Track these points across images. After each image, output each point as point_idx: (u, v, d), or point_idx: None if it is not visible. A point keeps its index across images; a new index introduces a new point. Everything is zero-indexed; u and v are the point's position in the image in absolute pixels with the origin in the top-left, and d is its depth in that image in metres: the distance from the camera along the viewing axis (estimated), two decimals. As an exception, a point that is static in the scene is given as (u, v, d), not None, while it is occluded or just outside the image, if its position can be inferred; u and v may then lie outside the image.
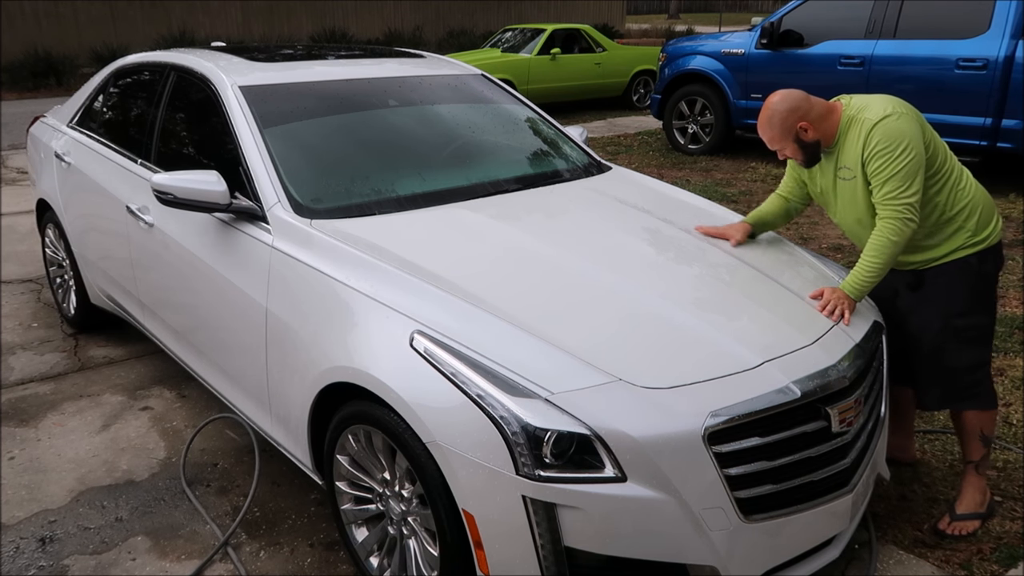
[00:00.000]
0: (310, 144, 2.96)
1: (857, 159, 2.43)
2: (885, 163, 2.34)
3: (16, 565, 2.55)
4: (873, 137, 2.36)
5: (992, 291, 2.55)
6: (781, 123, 2.47)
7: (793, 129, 2.47)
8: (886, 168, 2.34)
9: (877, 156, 2.36)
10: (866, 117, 2.40)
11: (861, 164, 2.43)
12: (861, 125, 2.41)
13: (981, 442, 2.59)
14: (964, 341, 2.51)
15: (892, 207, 2.35)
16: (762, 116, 2.52)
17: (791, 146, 2.52)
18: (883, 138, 2.34)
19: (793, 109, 2.46)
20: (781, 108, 2.47)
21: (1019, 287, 4.78)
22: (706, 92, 8.68)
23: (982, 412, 2.58)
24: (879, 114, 2.37)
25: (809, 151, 2.52)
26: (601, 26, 21.08)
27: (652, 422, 1.86)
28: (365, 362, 2.13)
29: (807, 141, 2.49)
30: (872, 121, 2.37)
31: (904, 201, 2.34)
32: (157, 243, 3.16)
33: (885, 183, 2.35)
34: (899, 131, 2.34)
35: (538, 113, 3.72)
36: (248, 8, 18.91)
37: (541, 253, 2.46)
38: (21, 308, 4.68)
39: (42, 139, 4.43)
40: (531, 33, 12.40)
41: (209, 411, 3.50)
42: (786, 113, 2.46)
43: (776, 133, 2.50)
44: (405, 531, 2.25)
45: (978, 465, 2.62)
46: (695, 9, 48.89)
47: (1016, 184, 7.24)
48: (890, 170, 2.34)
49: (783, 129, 2.48)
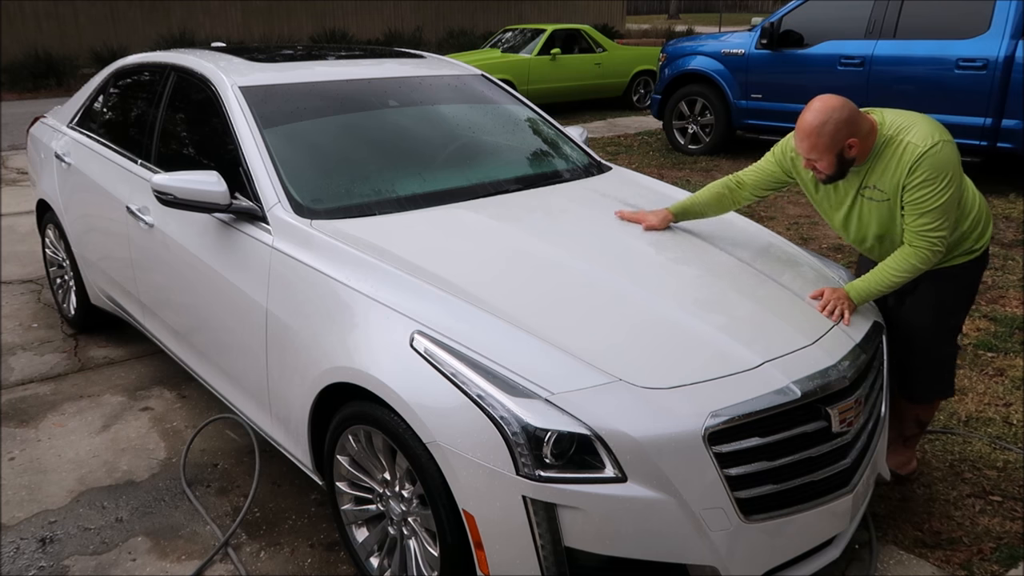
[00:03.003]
0: (310, 144, 2.96)
1: (896, 184, 2.33)
2: (927, 195, 2.27)
3: (16, 565, 2.55)
4: (920, 166, 2.25)
5: (975, 293, 2.63)
6: (833, 133, 2.24)
7: (842, 143, 2.27)
8: (927, 200, 2.28)
9: (921, 186, 2.27)
10: (910, 141, 2.28)
11: (900, 189, 2.32)
12: (904, 149, 2.29)
13: (916, 424, 2.78)
14: (950, 338, 2.62)
15: (926, 239, 2.32)
16: (813, 119, 2.25)
17: (829, 160, 2.30)
18: (930, 169, 2.25)
19: (850, 122, 2.25)
20: (838, 116, 2.23)
21: (1019, 287, 4.78)
22: (706, 92, 8.68)
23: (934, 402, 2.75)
24: (927, 142, 2.26)
25: (844, 168, 2.35)
26: (601, 26, 21.10)
27: (652, 422, 1.86)
28: (365, 362, 2.13)
29: (847, 158, 2.31)
30: (920, 149, 2.26)
31: (939, 235, 2.31)
32: (157, 244, 3.16)
33: (923, 215, 2.29)
34: (946, 162, 2.26)
35: (538, 113, 3.72)
36: (248, 8, 18.91)
37: (541, 253, 2.46)
38: (21, 308, 4.68)
39: (42, 140, 4.43)
40: (531, 33, 12.40)
41: (209, 411, 3.50)
42: (842, 124, 2.24)
43: (825, 142, 2.26)
44: (405, 531, 2.25)
45: (907, 440, 2.83)
46: (695, 9, 48.90)
47: (1016, 184, 7.25)
48: (931, 203, 2.27)
49: (833, 140, 2.25)
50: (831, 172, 2.36)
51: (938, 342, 2.60)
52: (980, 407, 3.39)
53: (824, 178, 2.40)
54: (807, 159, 2.36)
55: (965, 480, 2.91)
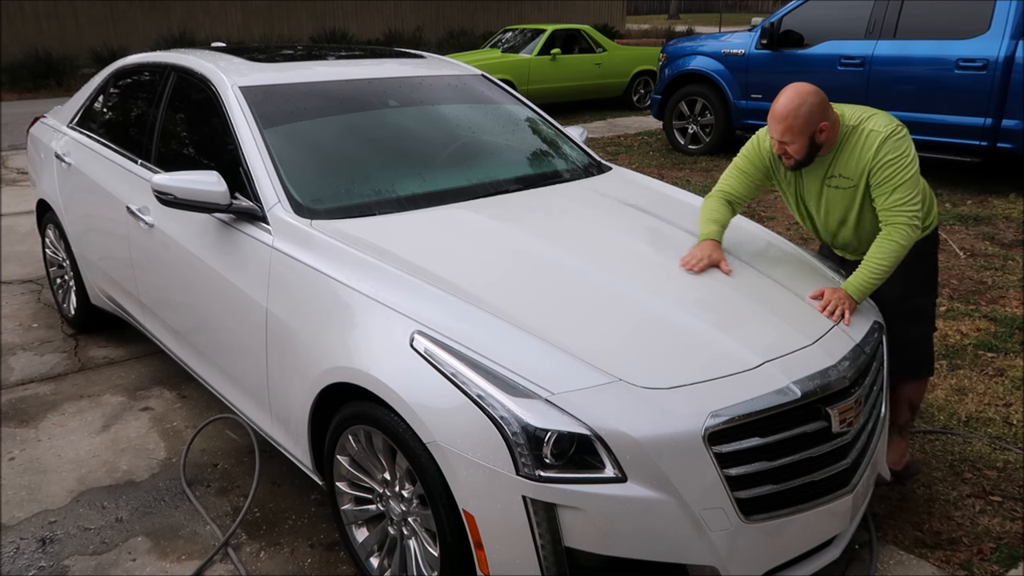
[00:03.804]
0: (310, 144, 2.96)
1: (862, 169, 2.48)
2: (895, 171, 2.42)
3: (16, 566, 2.55)
4: (884, 148, 2.42)
5: (935, 270, 2.77)
6: (808, 116, 2.39)
7: (815, 126, 2.42)
8: (896, 175, 2.42)
9: (888, 165, 2.42)
10: (872, 128, 2.45)
11: (866, 173, 2.47)
12: (867, 136, 2.45)
13: (908, 409, 2.83)
14: (911, 320, 2.70)
15: (902, 213, 2.42)
16: (788, 103, 2.40)
17: (802, 142, 2.44)
18: (893, 149, 2.42)
19: (822, 106, 2.42)
20: (812, 100, 2.40)
21: (1019, 287, 4.78)
22: (706, 92, 8.68)
23: (917, 381, 2.79)
24: (888, 127, 2.44)
25: (812, 154, 2.49)
26: (601, 26, 21.10)
27: (652, 422, 1.86)
28: (365, 362, 2.13)
29: (817, 143, 2.46)
30: (883, 134, 2.44)
31: (913, 208, 2.42)
32: (157, 243, 3.16)
33: (895, 191, 2.42)
34: (907, 144, 2.45)
35: (538, 113, 3.72)
36: (248, 8, 18.91)
37: (541, 253, 2.46)
38: (21, 308, 4.68)
39: (42, 139, 4.43)
40: (531, 33, 12.40)
41: (209, 411, 3.50)
42: (816, 108, 2.40)
43: (799, 125, 2.40)
44: (405, 531, 2.25)
45: (902, 428, 2.85)
46: (695, 9, 48.90)
47: (1016, 184, 7.25)
48: (899, 178, 2.42)
49: (807, 122, 2.40)
50: (801, 157, 2.48)
51: (911, 321, 2.71)
52: (980, 407, 3.39)
53: (793, 163, 2.51)
54: (780, 143, 2.47)
55: (965, 480, 2.91)
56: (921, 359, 2.77)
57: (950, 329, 4.16)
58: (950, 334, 4.11)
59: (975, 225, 6.11)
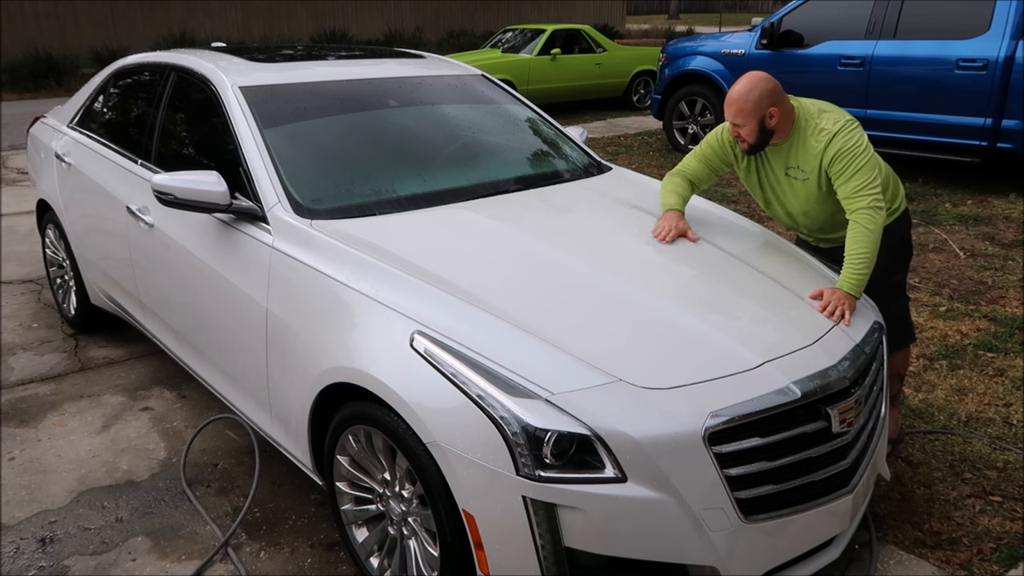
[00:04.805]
0: (310, 144, 2.96)
1: (814, 164, 2.61)
2: (850, 160, 2.54)
3: (16, 565, 2.55)
4: (835, 143, 2.55)
5: (909, 247, 2.96)
6: (758, 100, 2.55)
7: (764, 111, 2.57)
8: (852, 163, 2.53)
9: (840, 157, 2.55)
10: (822, 127, 2.59)
11: (819, 168, 2.60)
12: (819, 132, 2.59)
13: (896, 379, 2.98)
14: (891, 296, 2.84)
15: (864, 196, 2.51)
16: (740, 88, 2.58)
17: (752, 125, 2.59)
18: (844, 143, 2.55)
19: (772, 92, 2.57)
20: (763, 86, 2.57)
21: (1019, 287, 4.78)
22: (706, 92, 8.68)
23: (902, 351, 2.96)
24: (837, 125, 2.57)
25: (763, 138, 2.63)
26: (601, 26, 21.09)
27: (652, 422, 1.86)
28: (365, 362, 2.13)
29: (768, 128, 2.60)
30: (831, 132, 2.57)
31: (874, 191, 2.52)
32: (157, 244, 3.16)
33: (853, 176, 2.53)
34: (858, 135, 2.58)
35: (538, 113, 3.72)
36: (248, 8, 18.92)
37: (541, 253, 2.46)
38: (21, 308, 4.68)
39: (42, 139, 4.43)
40: (531, 33, 12.40)
41: (209, 411, 3.50)
42: (766, 93, 2.56)
43: (750, 108, 2.56)
44: (405, 531, 2.25)
45: (892, 399, 3.00)
46: (695, 9, 48.90)
47: (1016, 184, 7.25)
48: (856, 164, 2.53)
49: (757, 106, 2.56)
50: (753, 141, 2.63)
51: (891, 297, 2.84)
52: (980, 407, 3.39)
53: (747, 147, 2.67)
54: (733, 125, 2.64)
55: (965, 480, 2.91)
56: (904, 330, 2.94)
57: (950, 329, 4.16)
58: (950, 334, 4.11)
59: (975, 225, 6.11)
